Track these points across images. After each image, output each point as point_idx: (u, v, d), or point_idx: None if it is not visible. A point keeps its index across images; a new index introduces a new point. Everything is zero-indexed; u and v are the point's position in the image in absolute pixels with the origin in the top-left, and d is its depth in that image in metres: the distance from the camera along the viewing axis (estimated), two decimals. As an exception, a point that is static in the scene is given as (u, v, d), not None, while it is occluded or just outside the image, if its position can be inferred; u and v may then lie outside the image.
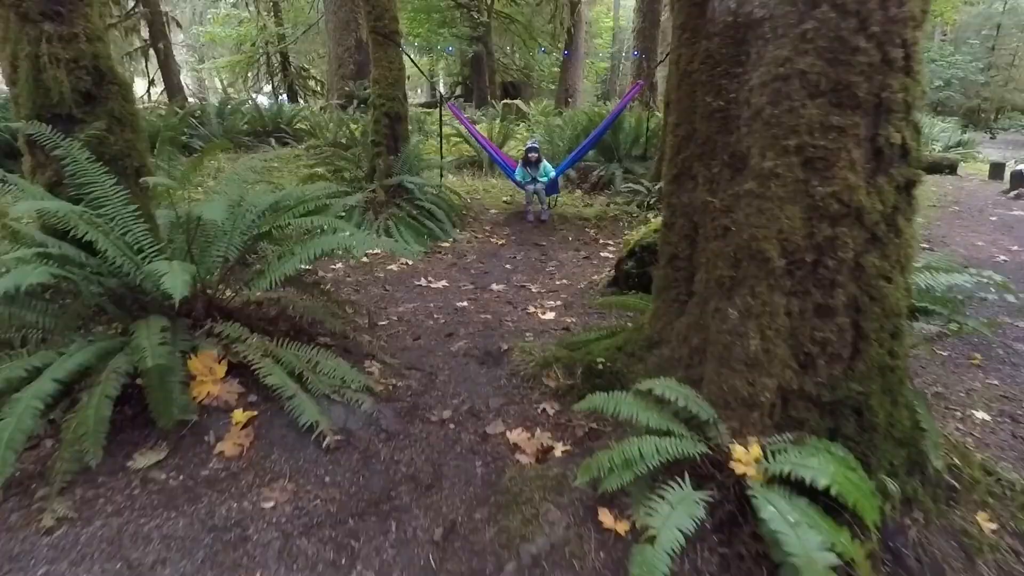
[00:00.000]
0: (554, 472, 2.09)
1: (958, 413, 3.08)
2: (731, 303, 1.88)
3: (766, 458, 1.88)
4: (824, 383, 1.93)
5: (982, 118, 28.15)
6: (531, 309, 4.11)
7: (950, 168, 11.65)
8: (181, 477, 2.14)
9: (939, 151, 14.39)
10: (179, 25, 14.24)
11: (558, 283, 4.85)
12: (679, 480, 1.80)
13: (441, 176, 7.14)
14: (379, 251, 5.58)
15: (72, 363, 2.10)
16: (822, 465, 1.76)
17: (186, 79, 28.48)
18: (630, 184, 7.37)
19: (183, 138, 9.64)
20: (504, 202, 7.84)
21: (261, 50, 20.85)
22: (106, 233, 2.41)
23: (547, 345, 3.14)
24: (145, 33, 12.84)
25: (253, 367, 2.46)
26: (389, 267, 5.15)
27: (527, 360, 2.93)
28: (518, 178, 6.87)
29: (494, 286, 4.71)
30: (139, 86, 19.43)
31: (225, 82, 24.15)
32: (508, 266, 5.35)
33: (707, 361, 2.04)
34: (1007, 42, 28.89)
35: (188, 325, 2.62)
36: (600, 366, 2.48)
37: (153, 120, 9.56)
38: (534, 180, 6.75)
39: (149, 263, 2.52)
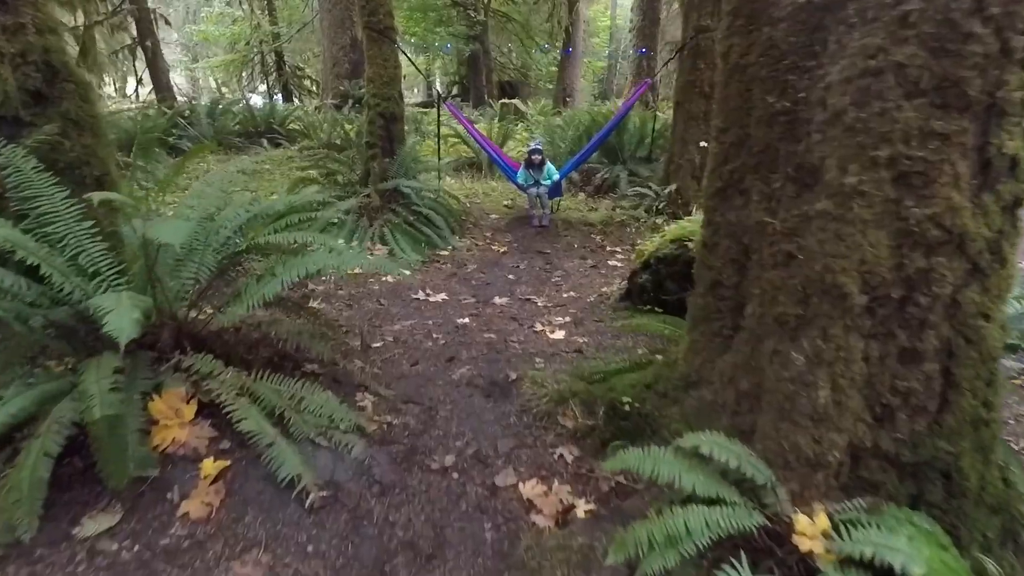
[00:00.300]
0: (579, 542, 1.76)
1: (1012, 444, 2.77)
2: (796, 346, 1.56)
3: (836, 531, 1.57)
4: (904, 440, 1.61)
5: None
6: (538, 327, 3.78)
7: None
8: (136, 547, 1.80)
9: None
10: (168, 23, 13.85)
11: (565, 296, 4.52)
12: (736, 565, 1.48)
13: (439, 179, 6.80)
14: (374, 260, 5.24)
15: (3, 414, 1.76)
16: (913, 548, 1.44)
17: (180, 78, 28.08)
18: (637, 188, 7.04)
19: (170, 139, 9.28)
20: (505, 206, 7.51)
21: (255, 49, 20.44)
22: (51, 256, 2.07)
23: (560, 374, 2.81)
24: (133, 31, 12.45)
25: (225, 409, 2.14)
26: (384, 278, 4.81)
27: (539, 393, 2.60)
28: (520, 181, 6.54)
29: (497, 299, 4.38)
30: (128, 86, 19.03)
31: (219, 81, 23.75)
32: (511, 276, 5.02)
33: (761, 411, 1.71)
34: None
35: (152, 359, 2.28)
36: (626, 407, 2.15)
37: (139, 120, 9.20)
38: (537, 183, 6.41)
39: (104, 290, 2.19)
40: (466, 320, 3.90)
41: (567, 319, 3.95)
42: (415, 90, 27.50)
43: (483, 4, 18.61)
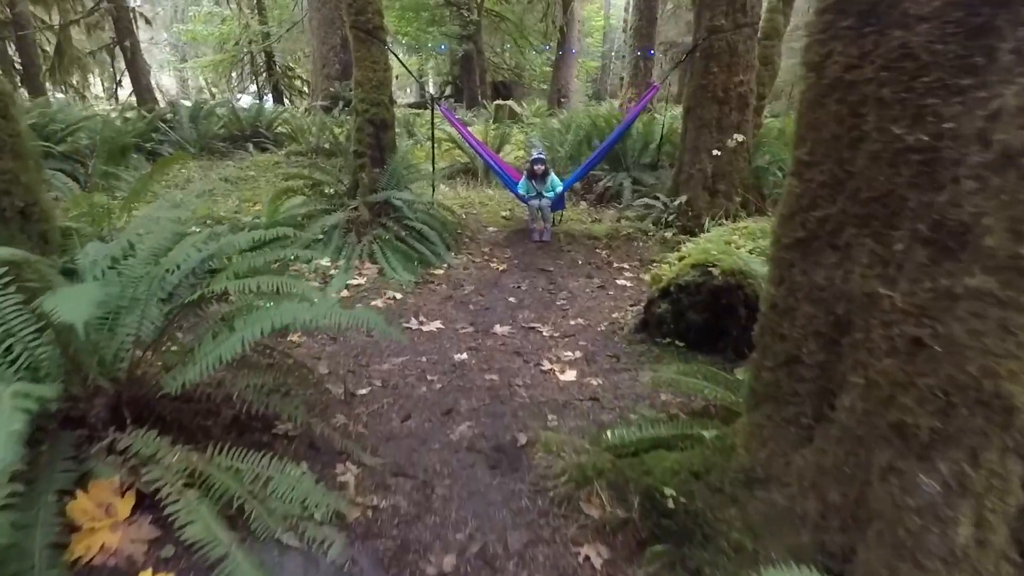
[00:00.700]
0: None
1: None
2: (927, 467, 1.14)
3: None
4: (1064, 585, 1.20)
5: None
6: (546, 365, 3.36)
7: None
8: None
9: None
10: (148, 22, 13.33)
11: (573, 323, 4.10)
12: None
13: (433, 190, 6.37)
14: (362, 282, 4.82)
15: None
16: None
17: (169, 79, 27.51)
18: (644, 198, 6.62)
19: (148, 145, 8.81)
20: (503, 217, 7.07)
21: (244, 49, 19.94)
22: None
23: (577, 436, 2.39)
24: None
25: (167, 508, 1.70)
26: (374, 303, 4.38)
27: (555, 466, 2.17)
28: (521, 192, 6.10)
29: (497, 328, 3.95)
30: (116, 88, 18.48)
31: (208, 82, 23.25)
32: (512, 299, 4.59)
33: (865, 541, 1.29)
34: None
35: (80, 438, 1.85)
36: (669, 500, 1.73)
37: (109, 125, 8.70)
38: (539, 195, 5.98)
39: (19, 355, 1.76)
40: (464, 356, 3.48)
41: (577, 354, 3.53)
42: (407, 90, 27.05)
43: (476, 3, 18.19)
